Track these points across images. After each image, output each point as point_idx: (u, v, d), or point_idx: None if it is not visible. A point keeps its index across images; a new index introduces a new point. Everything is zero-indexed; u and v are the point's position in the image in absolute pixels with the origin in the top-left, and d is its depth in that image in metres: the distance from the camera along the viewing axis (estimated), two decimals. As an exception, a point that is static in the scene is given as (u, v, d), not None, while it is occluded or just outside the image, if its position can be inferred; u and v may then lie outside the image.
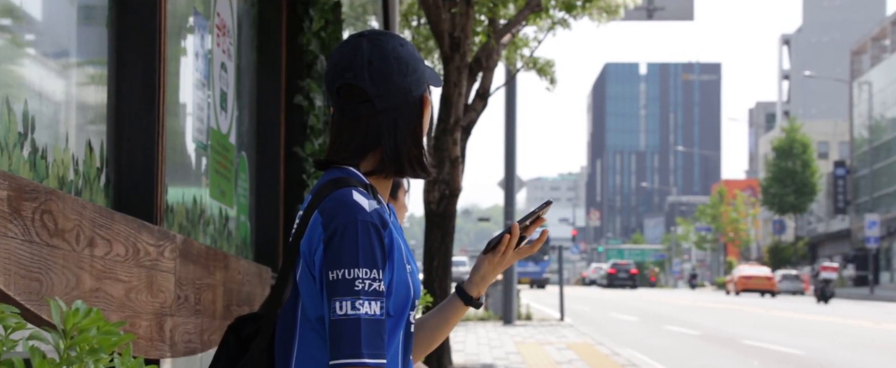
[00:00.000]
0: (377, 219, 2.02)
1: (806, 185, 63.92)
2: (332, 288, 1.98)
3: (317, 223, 2.04)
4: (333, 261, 1.98)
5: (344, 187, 2.05)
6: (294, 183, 5.22)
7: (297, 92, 5.26)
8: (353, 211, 2.01)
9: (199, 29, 3.78)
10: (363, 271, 1.97)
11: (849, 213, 64.60)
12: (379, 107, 2.10)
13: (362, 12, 10.61)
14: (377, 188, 2.13)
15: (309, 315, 2.05)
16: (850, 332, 20.10)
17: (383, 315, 1.99)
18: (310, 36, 5.37)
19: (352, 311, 1.96)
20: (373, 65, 2.10)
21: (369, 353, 1.96)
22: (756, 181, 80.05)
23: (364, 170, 2.12)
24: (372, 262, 1.99)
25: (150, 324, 2.73)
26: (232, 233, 4.37)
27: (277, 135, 5.04)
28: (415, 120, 2.15)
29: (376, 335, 1.98)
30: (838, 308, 33.10)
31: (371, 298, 1.98)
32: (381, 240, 2.02)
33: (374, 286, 1.98)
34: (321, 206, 2.04)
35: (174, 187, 3.46)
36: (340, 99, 2.12)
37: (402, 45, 2.14)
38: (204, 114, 3.85)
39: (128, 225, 2.58)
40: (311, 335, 2.05)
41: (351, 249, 1.98)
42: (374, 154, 2.12)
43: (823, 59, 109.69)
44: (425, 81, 2.16)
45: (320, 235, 2.02)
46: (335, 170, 2.12)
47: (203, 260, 3.28)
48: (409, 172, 2.16)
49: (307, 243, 2.04)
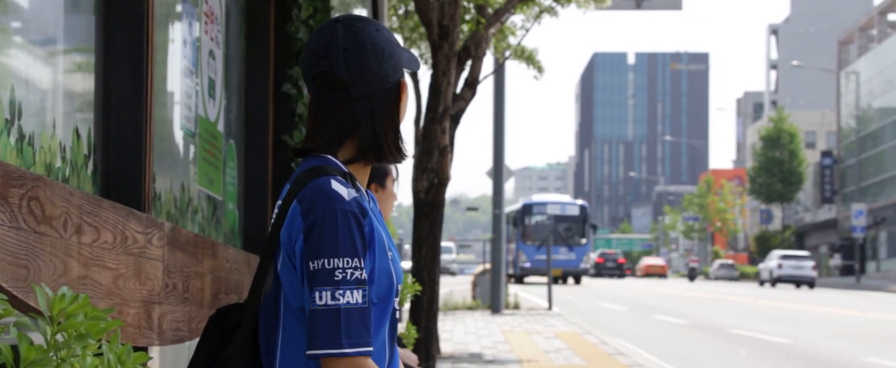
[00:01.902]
0: (356, 208, 2.01)
1: (793, 175, 64.11)
2: (313, 277, 1.96)
3: (296, 213, 2.02)
4: (313, 251, 1.97)
5: (322, 176, 2.04)
6: (282, 171, 5.21)
7: (285, 80, 5.25)
8: (332, 200, 2.00)
9: (186, 16, 3.77)
10: (344, 260, 1.96)
11: (835, 203, 64.84)
12: (355, 95, 2.09)
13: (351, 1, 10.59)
14: (356, 175, 2.12)
15: (291, 306, 2.04)
16: (837, 321, 20.18)
17: (366, 303, 1.97)
18: (298, 24, 5.36)
19: (332, 301, 1.94)
20: (348, 52, 2.08)
21: (350, 342, 1.94)
22: (744, 170, 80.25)
23: (342, 158, 2.11)
24: (352, 251, 1.97)
25: (137, 312, 2.73)
26: (220, 221, 4.36)
27: (266, 124, 5.03)
28: (391, 106, 2.13)
29: (360, 323, 1.96)
30: (825, 298, 33.24)
31: (352, 287, 1.96)
32: (361, 229, 2.00)
33: (355, 275, 1.97)
34: (300, 195, 2.03)
35: (162, 175, 3.45)
36: (317, 86, 2.10)
37: (378, 31, 2.12)
38: (192, 102, 3.84)
39: (115, 213, 2.57)
40: (294, 325, 2.04)
41: (331, 239, 1.97)
42: (352, 141, 2.11)
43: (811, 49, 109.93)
44: (401, 66, 2.14)
45: (300, 225, 2.00)
46: (313, 159, 2.10)
47: (191, 248, 3.27)
48: (388, 158, 2.14)
49: (287, 233, 2.03)
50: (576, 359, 11.19)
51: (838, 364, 12.23)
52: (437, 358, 10.29)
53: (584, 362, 10.91)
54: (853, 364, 12.24)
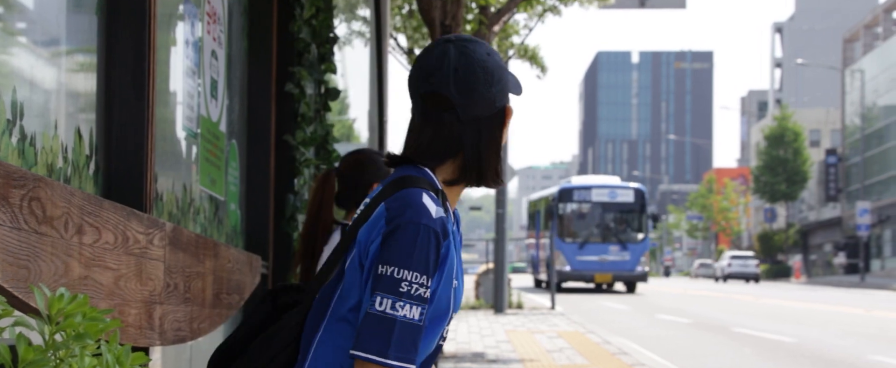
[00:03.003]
0: (439, 227, 2.02)
1: (797, 173, 64.04)
2: (378, 281, 1.97)
3: (381, 215, 2.03)
4: (387, 257, 1.97)
5: (416, 187, 2.05)
6: (284, 171, 5.21)
7: (287, 80, 5.25)
8: (419, 212, 2.00)
9: (189, 16, 3.77)
10: (413, 274, 1.97)
11: (840, 201, 64.75)
12: (462, 117, 2.09)
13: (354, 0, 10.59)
14: (448, 196, 2.13)
15: (345, 301, 2.05)
16: (841, 320, 20.16)
17: (422, 321, 1.98)
18: (301, 23, 5.36)
19: (390, 310, 1.95)
20: (459, 74, 2.09)
21: (396, 355, 1.95)
22: (748, 169, 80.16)
23: (440, 177, 2.11)
24: (423, 267, 1.98)
25: (139, 312, 2.73)
26: (222, 222, 4.37)
27: (268, 123, 5.03)
28: (497, 130, 2.14)
29: (409, 339, 1.97)
30: (830, 296, 33.20)
31: (413, 302, 1.97)
32: (438, 249, 2.01)
33: (419, 291, 1.97)
34: (389, 200, 2.04)
35: (164, 175, 3.46)
36: (424, 104, 2.11)
37: (489, 55, 2.12)
38: (194, 102, 3.85)
39: (117, 213, 2.57)
40: (340, 321, 2.05)
41: (407, 249, 1.97)
42: (454, 161, 2.12)
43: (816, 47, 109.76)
44: (508, 91, 2.15)
45: (381, 228, 2.01)
46: (411, 168, 2.10)
47: (193, 249, 3.27)
48: (487, 181, 2.16)
49: (366, 232, 2.04)
50: (578, 358, 11.19)
51: (843, 362, 12.21)
52: (440, 357, 10.29)
53: (587, 361, 10.91)
54: (858, 362, 12.22)
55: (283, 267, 5.12)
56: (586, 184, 33.65)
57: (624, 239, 32.03)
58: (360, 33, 18.61)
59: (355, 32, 18.78)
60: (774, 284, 51.56)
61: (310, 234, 3.88)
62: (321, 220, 3.88)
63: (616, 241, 31.91)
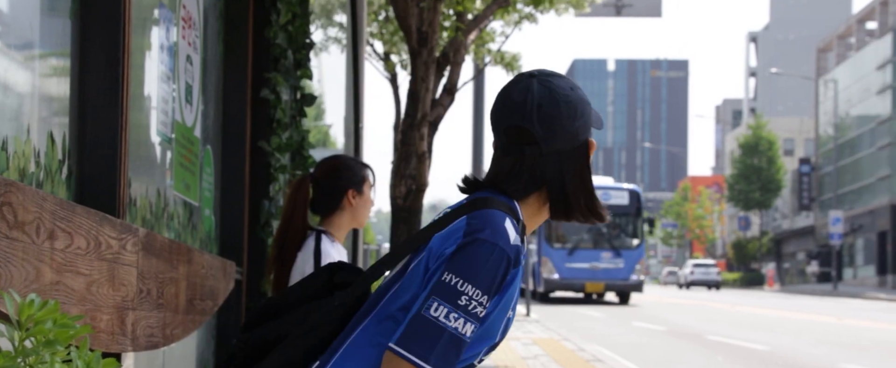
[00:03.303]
0: (513, 254, 2.03)
1: (771, 182, 64.44)
2: (439, 288, 1.97)
3: (460, 227, 2.04)
4: (455, 267, 1.98)
5: (499, 210, 2.06)
6: (259, 177, 5.20)
7: (263, 85, 5.24)
8: (498, 233, 2.02)
9: (164, 21, 3.76)
10: (476, 291, 1.97)
11: (813, 210, 65.17)
12: (545, 150, 2.11)
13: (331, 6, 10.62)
14: (527, 228, 2.15)
15: (397, 300, 2.05)
16: (814, 328, 20.27)
17: (469, 339, 1.99)
18: (277, 29, 5.35)
19: (444, 319, 1.96)
20: (542, 109, 2.10)
21: (436, 363, 1.95)
22: (722, 177, 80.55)
23: (523, 211, 2.14)
24: (487, 287, 1.99)
25: (111, 318, 2.71)
26: (196, 227, 4.35)
27: (243, 129, 5.02)
28: (580, 164, 2.15)
29: (453, 353, 1.97)
30: (803, 305, 33.38)
31: (468, 318, 1.97)
32: (506, 275, 2.02)
33: (476, 309, 1.98)
34: (470, 215, 2.05)
35: (138, 180, 3.44)
36: (506, 138, 2.13)
37: (573, 89, 2.14)
38: (169, 107, 3.83)
39: (89, 218, 2.56)
40: (385, 322, 2.05)
41: (476, 265, 1.98)
42: (538, 195, 2.14)
43: (790, 57, 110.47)
44: (590, 125, 2.17)
45: (458, 239, 2.02)
46: (501, 195, 2.12)
47: (166, 254, 3.26)
48: (577, 216, 2.16)
49: (441, 241, 2.05)
50: (554, 366, 11.21)
51: (814, 370, 12.28)
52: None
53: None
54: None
55: (258, 273, 5.10)
56: None
57: (617, 246, 29.03)
58: (336, 39, 18.62)
59: (332, 38, 18.79)
60: (748, 292, 51.81)
61: (283, 240, 3.87)
62: (294, 226, 3.87)
63: (609, 247, 28.95)
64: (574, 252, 28.74)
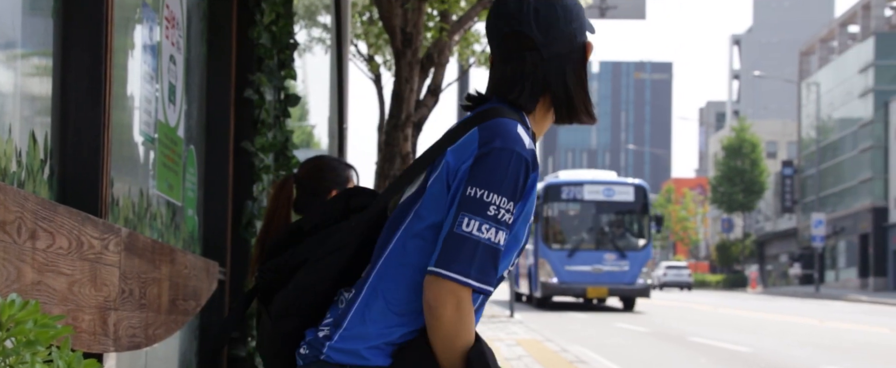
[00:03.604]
0: (530, 158, 2.05)
1: (754, 184, 64.67)
2: (466, 202, 1.98)
3: (473, 138, 2.05)
4: (478, 179, 1.99)
5: (509, 118, 2.08)
6: (243, 177, 5.19)
7: (247, 85, 5.23)
8: (513, 140, 2.03)
9: (147, 21, 3.75)
10: (502, 199, 1.99)
11: (795, 212, 65.43)
12: (545, 55, 2.12)
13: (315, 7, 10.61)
14: (535, 135, 2.16)
15: (422, 217, 2.06)
16: (796, 330, 20.35)
17: (503, 246, 2.00)
18: (261, 29, 5.34)
19: (477, 232, 1.97)
20: (539, 13, 2.12)
21: (477, 276, 1.97)
22: (706, 179, 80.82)
23: (530, 118, 2.15)
24: (512, 193, 2.00)
25: (93, 318, 2.71)
26: (179, 227, 4.34)
27: (226, 129, 5.01)
28: (579, 65, 2.17)
29: (490, 262, 1.98)
30: (785, 307, 33.51)
31: (499, 227, 1.98)
32: (527, 178, 2.04)
33: (505, 216, 1.99)
34: (482, 126, 2.06)
35: (120, 180, 3.43)
36: (505, 45, 2.14)
37: None
38: (152, 107, 3.82)
39: (71, 218, 2.55)
40: (414, 241, 2.05)
41: (499, 174, 2.00)
42: (543, 101, 2.15)
43: (773, 60, 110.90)
44: (586, 27, 2.18)
45: (474, 151, 2.03)
46: (505, 105, 2.13)
47: (149, 254, 3.25)
48: (580, 116, 2.19)
49: (457, 154, 2.06)
50: (537, 366, 11.22)
51: (796, 372, 12.32)
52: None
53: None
54: (811, 372, 12.34)
55: (241, 273, 5.09)
56: (577, 180, 27.56)
57: (622, 246, 26.04)
58: (320, 40, 18.59)
59: (316, 39, 18.77)
60: (731, 294, 51.98)
61: (266, 240, 3.86)
62: (277, 226, 3.86)
63: (612, 248, 26.01)
64: (574, 253, 25.95)
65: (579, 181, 27.34)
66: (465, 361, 2.00)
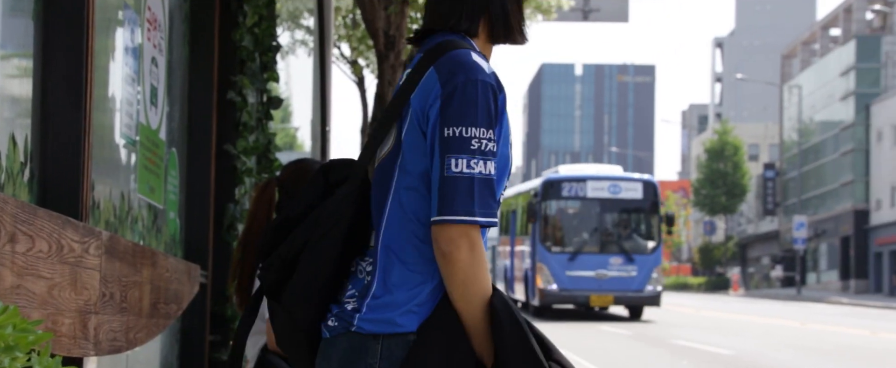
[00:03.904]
0: (494, 81, 2.05)
1: (736, 187, 64.86)
2: (447, 144, 1.99)
3: (433, 80, 2.05)
4: (451, 118, 2.00)
5: (462, 49, 2.08)
6: (225, 180, 5.17)
7: (229, 88, 5.22)
8: (473, 70, 2.03)
9: (128, 23, 3.73)
10: (480, 130, 1.99)
11: (777, 215, 65.66)
12: None
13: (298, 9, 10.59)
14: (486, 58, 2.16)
15: (409, 170, 2.06)
16: (778, 332, 20.42)
17: (494, 175, 2.01)
18: (243, 32, 5.33)
19: (467, 169, 1.97)
20: None
21: (482, 212, 1.97)
22: (688, 182, 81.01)
23: (475, 41, 2.16)
24: (488, 122, 2.01)
25: (73, 322, 2.69)
26: (161, 230, 4.32)
27: (209, 132, 4.99)
28: None
29: (489, 194, 1.99)
30: (767, 309, 33.62)
31: (485, 157, 1.99)
32: (497, 102, 2.04)
33: (489, 145, 2.00)
34: (437, 64, 2.05)
35: (101, 183, 3.41)
36: None
37: None
38: (133, 110, 3.81)
39: (51, 222, 2.53)
40: (407, 189, 2.05)
41: (470, 107, 2.00)
42: (483, 23, 2.16)
43: (755, 63, 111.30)
44: None
45: (437, 92, 2.03)
46: (447, 34, 2.13)
47: (130, 258, 3.23)
48: (515, 37, 2.19)
49: (420, 98, 2.05)
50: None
51: (778, 374, 12.36)
52: None
53: (528, 372, 10.93)
54: (793, 374, 12.39)
55: (223, 276, 5.08)
56: (579, 175, 24.74)
57: (629, 249, 23.34)
58: (303, 42, 18.56)
59: (299, 41, 18.73)
60: (713, 296, 52.15)
61: (247, 243, 3.85)
62: (259, 229, 3.85)
63: (619, 251, 23.32)
64: (576, 257, 23.32)
65: (582, 176, 24.46)
66: (487, 310, 2.00)
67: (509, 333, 2.00)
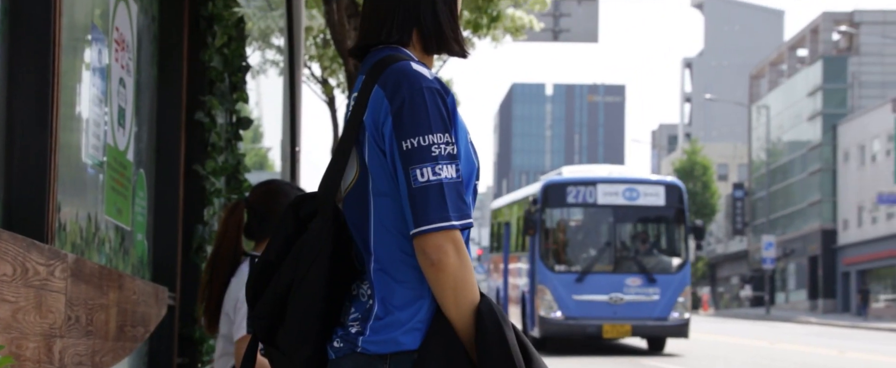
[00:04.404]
0: (439, 86, 2.06)
1: (706, 206, 65.15)
2: (408, 156, 2.00)
3: (380, 97, 2.06)
4: (405, 131, 2.01)
5: (400, 61, 2.08)
6: (193, 201, 5.14)
7: (198, 108, 5.19)
8: (416, 79, 2.04)
9: (96, 43, 3.71)
10: (437, 136, 2.00)
11: (746, 234, 66.02)
12: None
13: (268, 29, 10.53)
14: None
15: (381, 190, 2.06)
16: (747, 352, 20.47)
17: (460, 177, 2.02)
18: (212, 52, 5.31)
19: (434, 177, 1.98)
20: None
21: (456, 215, 1.99)
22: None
23: (411, 49, 2.16)
24: (443, 127, 2.02)
25: (37, 346, 2.66)
26: (128, 252, 4.29)
27: (177, 152, 4.96)
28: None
29: (458, 196, 2.01)
30: (737, 328, 33.73)
31: (448, 162, 2.01)
32: (446, 105, 2.05)
33: (448, 149, 2.01)
34: (381, 80, 2.06)
35: (68, 205, 3.38)
36: None
37: None
38: (100, 131, 3.78)
39: (16, 244, 2.50)
40: (386, 207, 2.06)
41: (422, 116, 2.01)
42: (417, 33, 2.16)
43: (724, 83, 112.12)
44: None
45: (386, 108, 2.04)
46: (383, 49, 2.14)
47: (96, 280, 3.20)
48: (451, 47, 2.19)
49: (372, 118, 2.06)
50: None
51: (748, 394, 12.38)
52: None
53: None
54: (762, 394, 12.41)
55: (191, 298, 5.04)
56: (587, 177, 19.65)
57: (650, 268, 18.70)
58: (274, 62, 18.53)
59: (270, 61, 18.70)
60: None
61: (216, 265, 3.83)
62: (227, 251, 3.82)
63: (637, 270, 18.65)
64: (585, 277, 18.61)
65: (591, 179, 19.42)
66: (475, 315, 2.02)
67: (491, 340, 2.01)
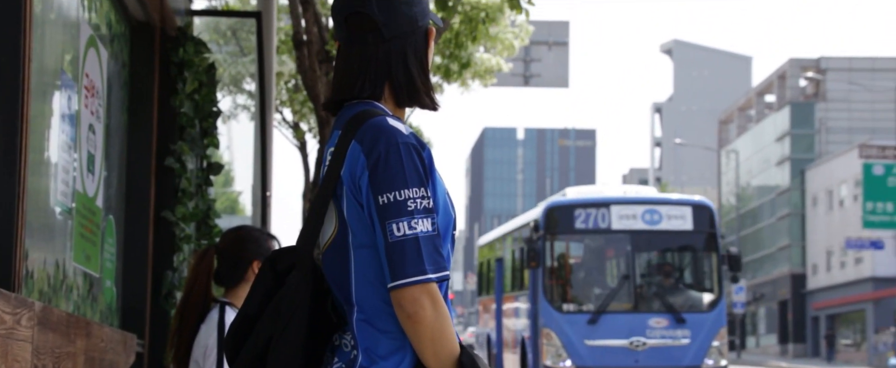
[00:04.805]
0: (414, 141, 2.08)
1: (677, 251, 65.29)
2: (384, 211, 2.02)
3: (357, 152, 2.08)
4: (382, 185, 2.03)
5: (376, 116, 2.10)
6: (163, 247, 5.11)
7: (168, 154, 5.17)
8: (392, 134, 2.07)
9: (65, 89, 3.70)
10: (412, 190, 2.03)
11: (717, 278, 66.12)
12: (387, 35, 2.15)
13: (240, 75, 10.60)
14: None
15: (362, 243, 2.08)
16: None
17: (436, 230, 2.04)
18: (183, 98, 5.30)
19: (410, 231, 2.00)
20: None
21: (433, 268, 2.01)
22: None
23: (383, 103, 2.18)
24: (419, 181, 2.04)
25: (3, 396, 2.62)
26: (97, 299, 4.25)
27: (147, 199, 4.93)
28: (421, 49, 2.20)
29: (434, 250, 2.03)
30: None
31: (423, 216, 2.03)
32: (422, 160, 2.07)
33: (424, 203, 2.03)
34: (358, 136, 2.09)
35: (35, 252, 3.35)
36: (348, 28, 2.17)
37: None
38: (69, 177, 3.76)
39: (-18, 293, 2.48)
40: (367, 259, 2.08)
41: (397, 171, 2.03)
42: (389, 87, 2.17)
43: (693, 128, 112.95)
44: (428, 13, 2.22)
45: (363, 162, 2.06)
46: (358, 105, 2.16)
47: (64, 328, 3.17)
48: (422, 101, 2.21)
49: (349, 173, 2.08)
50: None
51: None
52: None
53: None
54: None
55: (161, 345, 4.99)
56: (599, 198, 15.94)
57: (678, 306, 15.24)
58: (245, 107, 18.54)
59: (241, 106, 18.71)
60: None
61: (185, 311, 3.79)
62: (196, 297, 3.80)
63: (663, 309, 15.15)
64: (599, 318, 15.08)
65: (603, 200, 15.71)
66: (457, 367, 2.04)
67: None
